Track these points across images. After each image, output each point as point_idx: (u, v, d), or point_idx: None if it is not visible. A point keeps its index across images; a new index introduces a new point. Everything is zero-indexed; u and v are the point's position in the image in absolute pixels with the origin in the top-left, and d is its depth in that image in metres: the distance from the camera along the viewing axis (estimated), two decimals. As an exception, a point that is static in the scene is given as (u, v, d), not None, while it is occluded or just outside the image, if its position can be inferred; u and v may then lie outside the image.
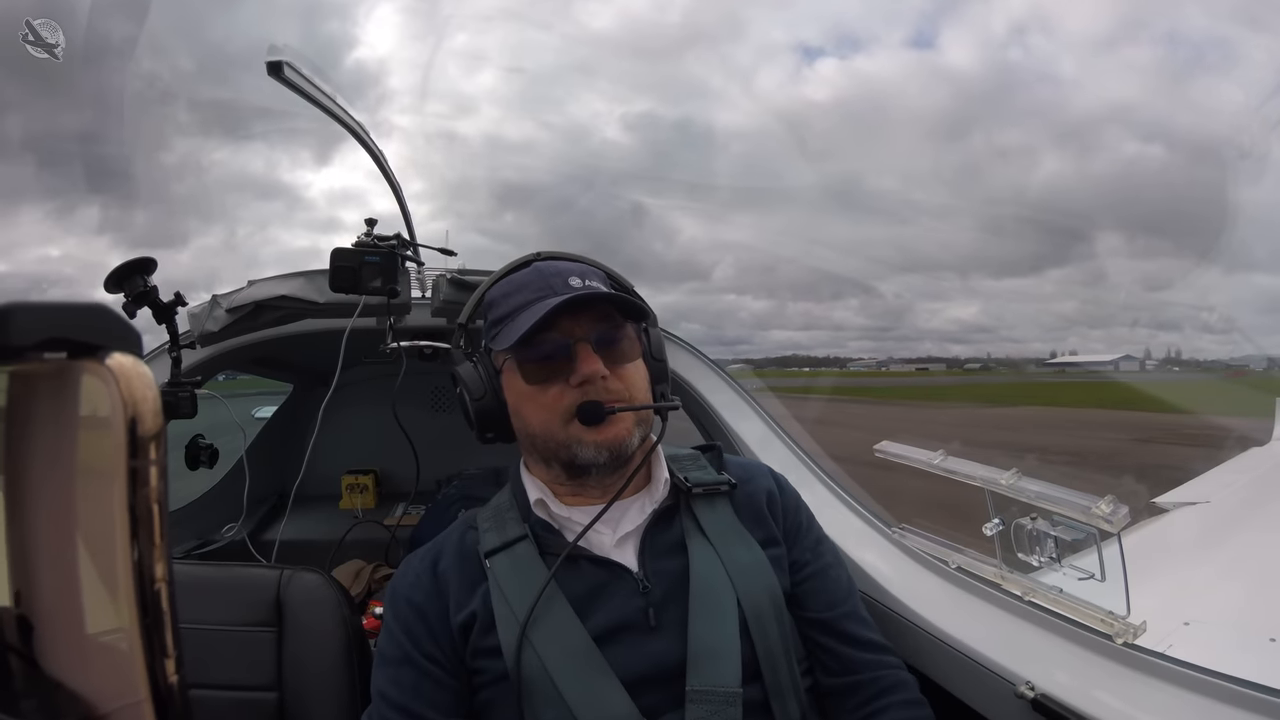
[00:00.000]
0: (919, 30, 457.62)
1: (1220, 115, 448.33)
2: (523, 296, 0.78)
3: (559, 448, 0.77)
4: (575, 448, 0.76)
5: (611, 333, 0.78)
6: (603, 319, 0.77)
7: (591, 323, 0.77)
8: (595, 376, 0.74)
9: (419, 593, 0.78)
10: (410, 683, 0.74)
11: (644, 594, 0.75)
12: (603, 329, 0.77)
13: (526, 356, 0.77)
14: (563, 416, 0.75)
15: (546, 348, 0.76)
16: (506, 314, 0.79)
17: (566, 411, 0.75)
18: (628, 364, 0.79)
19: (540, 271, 0.81)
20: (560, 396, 0.75)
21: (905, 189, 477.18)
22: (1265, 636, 1.25)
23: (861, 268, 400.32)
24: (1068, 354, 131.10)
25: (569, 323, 0.76)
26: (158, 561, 0.23)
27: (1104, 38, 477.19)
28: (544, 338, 0.76)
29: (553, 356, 0.76)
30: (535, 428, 0.78)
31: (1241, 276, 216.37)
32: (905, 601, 0.95)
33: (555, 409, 0.76)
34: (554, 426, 0.76)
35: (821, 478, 1.19)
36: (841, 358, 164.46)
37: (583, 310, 0.76)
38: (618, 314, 0.79)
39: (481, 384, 0.81)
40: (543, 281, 0.79)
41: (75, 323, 0.24)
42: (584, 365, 0.74)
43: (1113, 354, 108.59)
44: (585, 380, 0.74)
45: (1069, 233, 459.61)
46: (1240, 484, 2.68)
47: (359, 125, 1.39)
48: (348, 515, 2.00)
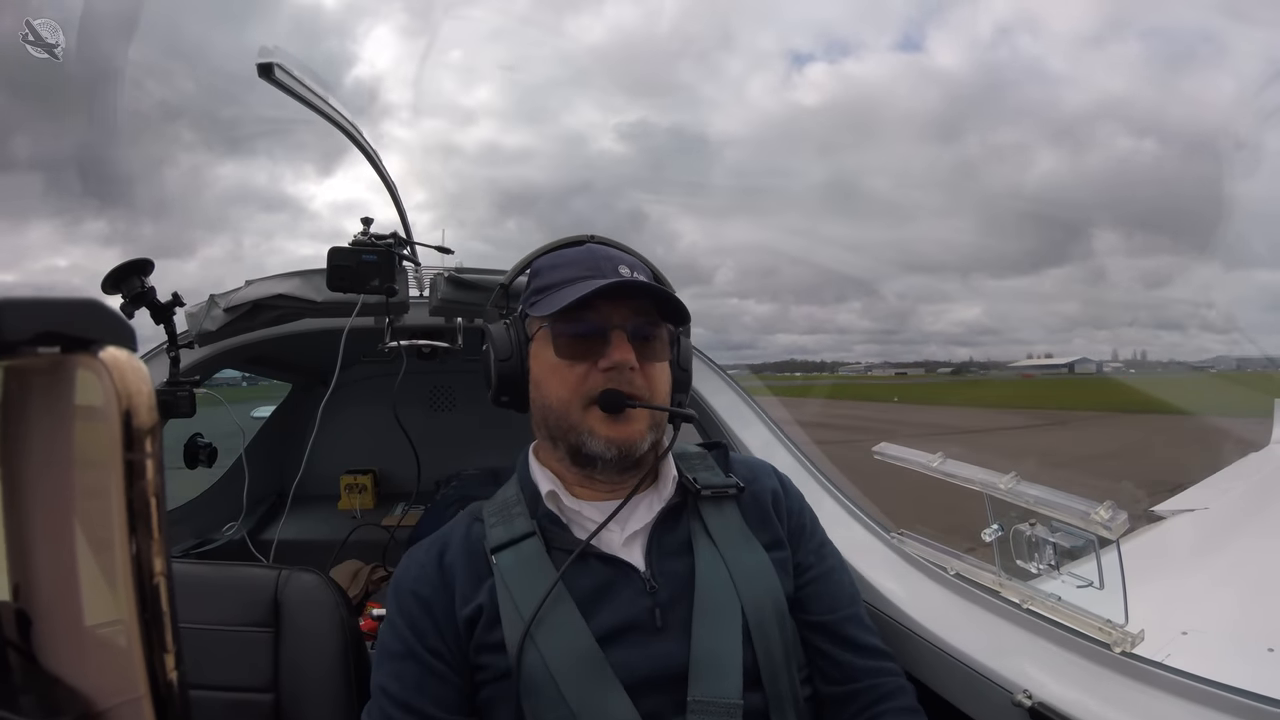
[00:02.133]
0: (906, 35, 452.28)
1: (1214, 108, 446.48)
2: (571, 271, 0.79)
3: (569, 430, 0.77)
4: (585, 436, 0.76)
5: (648, 328, 0.78)
6: (642, 313, 0.78)
7: (631, 313, 0.77)
8: (625, 365, 0.75)
9: (425, 585, 0.77)
10: (414, 678, 0.73)
11: (651, 594, 0.75)
12: (640, 322, 0.77)
13: (562, 330, 0.77)
14: (583, 399, 0.76)
15: (584, 326, 0.76)
16: (551, 284, 0.79)
17: (588, 395, 0.75)
18: (656, 363, 0.79)
19: (593, 252, 0.82)
20: (585, 377, 0.76)
21: (901, 189, 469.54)
22: (1263, 646, 1.25)
23: (862, 267, 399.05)
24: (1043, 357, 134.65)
25: (610, 308, 0.76)
26: (156, 556, 0.23)
27: (1090, 35, 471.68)
28: (583, 316, 0.76)
29: (587, 336, 0.76)
30: (553, 402, 0.78)
31: (1240, 273, 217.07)
32: (903, 608, 0.95)
33: (578, 389, 0.76)
34: (572, 406, 0.76)
35: (822, 482, 1.19)
36: (837, 362, 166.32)
37: (625, 299, 0.77)
38: (656, 312, 0.79)
39: (510, 346, 0.81)
40: (593, 261, 0.80)
41: (68, 318, 0.24)
42: (616, 351, 0.75)
43: (1067, 358, 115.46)
44: (614, 366, 0.74)
45: (1066, 230, 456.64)
46: (1238, 490, 2.68)
47: (352, 125, 1.39)
48: (346, 515, 2.00)
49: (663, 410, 0.78)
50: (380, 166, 1.51)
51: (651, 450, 0.80)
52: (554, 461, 0.81)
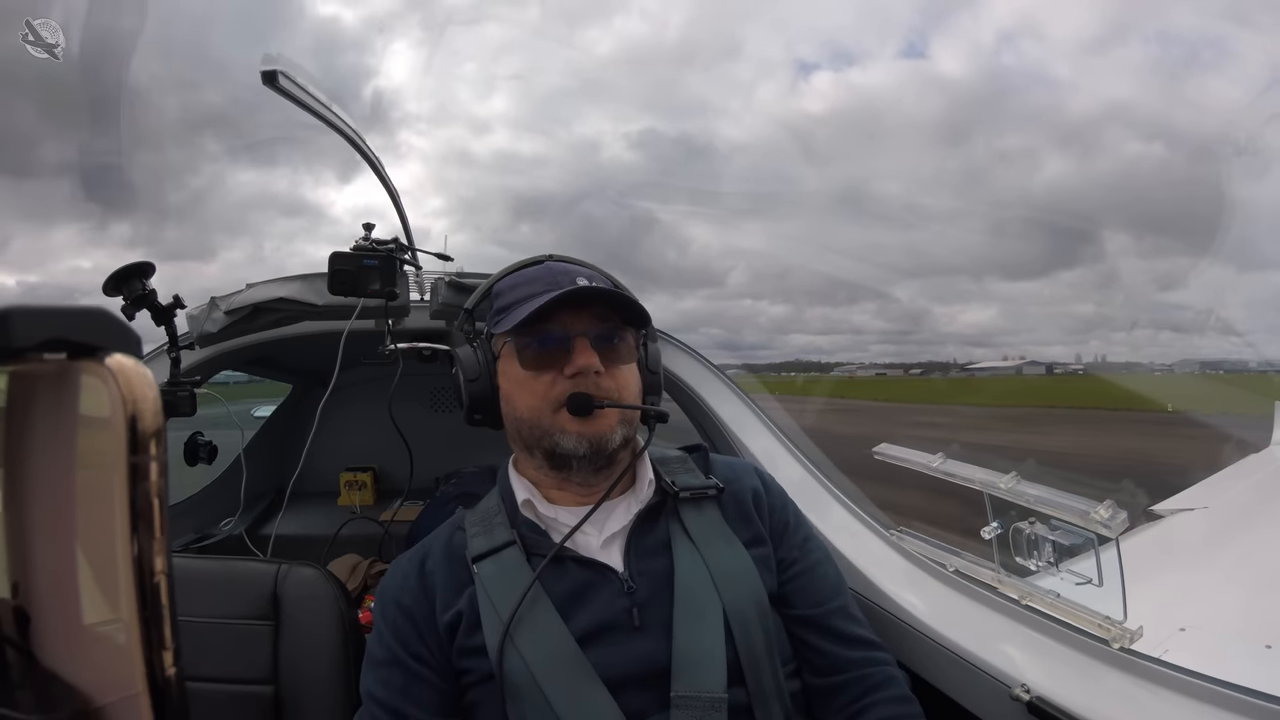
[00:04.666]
0: (910, 42, 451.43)
1: (1217, 112, 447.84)
2: (530, 288, 0.81)
3: (543, 435, 0.78)
4: (558, 436, 0.77)
5: (609, 332, 0.80)
6: (603, 319, 0.80)
7: (591, 320, 0.79)
8: (589, 370, 0.76)
9: (406, 594, 0.79)
10: (399, 683, 0.75)
11: (629, 594, 0.75)
12: (602, 328, 0.79)
13: (525, 343, 0.79)
14: (552, 404, 0.77)
15: (546, 336, 0.78)
16: (512, 302, 0.81)
17: (556, 400, 0.77)
18: (622, 365, 0.80)
19: (550, 269, 0.85)
20: (552, 385, 0.78)
21: (910, 193, 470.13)
22: (1261, 643, 1.25)
23: (872, 273, 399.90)
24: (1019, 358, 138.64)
25: (570, 317, 0.78)
26: (157, 555, 0.23)
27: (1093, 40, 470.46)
28: (544, 328, 0.78)
29: (550, 346, 0.78)
30: (523, 413, 0.80)
31: (1240, 273, 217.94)
32: (902, 604, 0.95)
33: (546, 397, 0.78)
34: (542, 413, 0.78)
35: (824, 483, 1.19)
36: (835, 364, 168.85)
37: (584, 307, 0.79)
38: (617, 318, 0.81)
39: (477, 367, 0.84)
40: (551, 277, 0.82)
41: (75, 325, 0.24)
42: (579, 357, 0.76)
43: (1012, 361, 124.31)
44: (579, 372, 0.76)
45: (1075, 234, 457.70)
46: (1238, 490, 2.68)
47: (355, 132, 1.39)
48: (346, 512, 2.00)
49: (633, 409, 0.79)
50: (382, 172, 1.51)
51: (625, 449, 0.81)
52: (531, 469, 0.83)
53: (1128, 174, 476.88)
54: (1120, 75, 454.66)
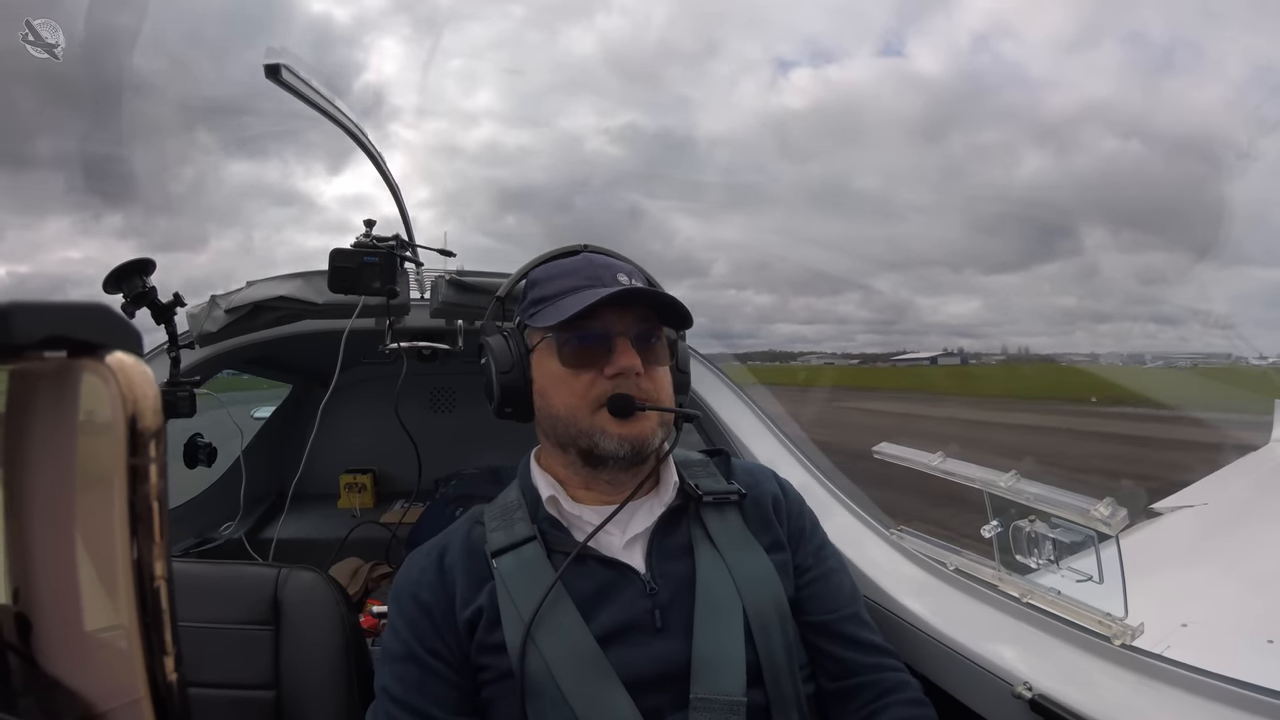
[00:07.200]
0: (886, 42, 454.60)
1: (1198, 111, 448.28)
2: (570, 281, 0.79)
3: (580, 434, 0.77)
4: (598, 437, 0.76)
5: (649, 332, 0.79)
6: (643, 319, 0.79)
7: (633, 320, 0.78)
8: (631, 371, 0.75)
9: (424, 589, 0.78)
10: (415, 679, 0.74)
11: (651, 595, 0.75)
12: (642, 328, 0.78)
13: (566, 340, 0.78)
14: (592, 404, 0.76)
15: (588, 334, 0.77)
16: (551, 295, 0.80)
17: (596, 400, 0.76)
18: (659, 367, 0.80)
19: (590, 261, 0.83)
20: (592, 384, 0.76)
21: (890, 188, 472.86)
22: (1263, 638, 1.25)
23: (853, 265, 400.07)
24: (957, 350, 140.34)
25: (612, 315, 0.77)
26: (157, 559, 0.23)
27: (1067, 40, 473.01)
28: (586, 324, 0.77)
29: (592, 344, 0.77)
30: (561, 410, 0.78)
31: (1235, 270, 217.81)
32: (903, 602, 0.95)
33: (585, 396, 0.76)
34: (581, 412, 0.77)
35: (823, 482, 1.19)
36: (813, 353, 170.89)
37: (628, 306, 0.78)
38: (656, 317, 0.80)
39: (510, 358, 0.81)
40: (591, 271, 0.80)
41: (75, 322, 0.24)
42: (622, 358, 0.75)
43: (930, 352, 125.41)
44: (620, 373, 0.75)
45: (1053, 229, 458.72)
46: (1238, 486, 2.68)
47: (356, 127, 1.39)
48: (346, 514, 2.00)
49: (670, 411, 0.78)
50: (383, 167, 1.51)
51: (657, 449, 0.80)
52: (559, 466, 0.82)
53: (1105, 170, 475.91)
54: (1095, 74, 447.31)
